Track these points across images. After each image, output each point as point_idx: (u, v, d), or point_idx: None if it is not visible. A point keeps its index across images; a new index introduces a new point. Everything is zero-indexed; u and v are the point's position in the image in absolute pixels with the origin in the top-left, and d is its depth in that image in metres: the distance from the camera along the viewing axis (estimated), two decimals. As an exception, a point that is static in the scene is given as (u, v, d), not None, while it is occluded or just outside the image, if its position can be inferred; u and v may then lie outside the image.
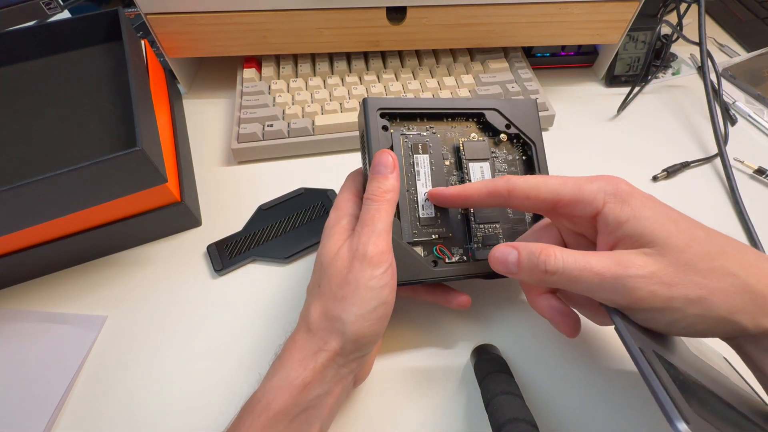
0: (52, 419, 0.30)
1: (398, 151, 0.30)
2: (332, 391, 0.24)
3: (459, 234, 0.30)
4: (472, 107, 0.32)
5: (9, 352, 0.33)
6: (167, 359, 0.32)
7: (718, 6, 0.61)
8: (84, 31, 0.41)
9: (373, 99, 0.30)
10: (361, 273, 0.24)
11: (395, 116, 0.31)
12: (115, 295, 0.36)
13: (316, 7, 0.42)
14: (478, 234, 0.30)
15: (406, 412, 0.30)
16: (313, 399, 0.23)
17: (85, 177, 0.30)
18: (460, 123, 0.32)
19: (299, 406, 0.23)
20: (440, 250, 0.29)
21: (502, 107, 0.32)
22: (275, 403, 0.23)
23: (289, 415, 0.23)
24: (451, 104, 0.32)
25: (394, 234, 0.27)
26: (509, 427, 0.23)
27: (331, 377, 0.24)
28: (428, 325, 0.33)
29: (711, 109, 0.44)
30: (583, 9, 0.44)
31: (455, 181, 0.31)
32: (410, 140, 0.30)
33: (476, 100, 0.32)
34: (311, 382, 0.23)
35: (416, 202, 0.29)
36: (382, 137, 0.29)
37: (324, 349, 0.24)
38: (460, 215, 0.30)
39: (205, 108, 0.50)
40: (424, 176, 0.30)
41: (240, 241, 0.38)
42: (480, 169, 0.31)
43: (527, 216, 0.31)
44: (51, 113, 0.38)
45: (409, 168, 0.30)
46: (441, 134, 0.31)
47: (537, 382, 0.30)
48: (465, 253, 0.29)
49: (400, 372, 0.31)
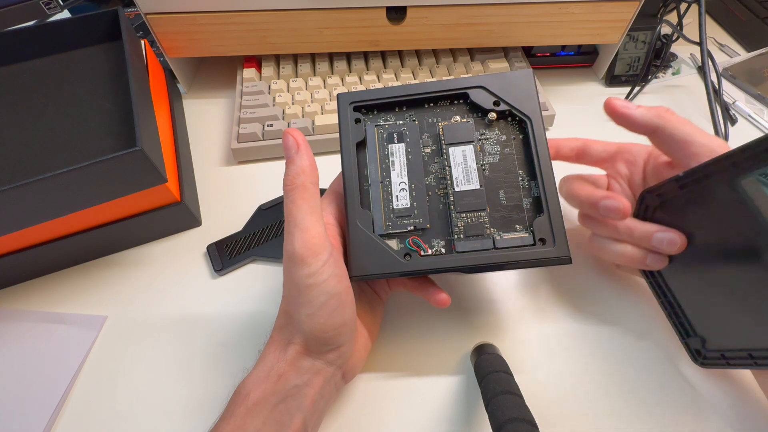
0: (52, 419, 0.30)
1: (372, 142, 0.29)
2: (311, 382, 0.24)
3: (440, 225, 0.27)
4: (453, 87, 0.29)
5: (9, 352, 0.33)
6: (167, 359, 0.32)
7: (718, 6, 0.61)
8: (84, 30, 0.41)
9: (345, 94, 0.29)
10: (296, 273, 0.23)
11: (372, 108, 0.30)
12: (115, 295, 0.36)
13: (316, 6, 0.42)
14: (459, 224, 0.27)
15: (406, 412, 0.30)
16: (291, 389, 0.24)
17: (85, 177, 0.30)
18: (443, 107, 0.30)
19: (277, 395, 0.24)
20: (413, 242, 0.27)
21: (489, 83, 0.29)
22: (254, 394, 0.24)
23: (268, 405, 0.23)
24: (431, 87, 0.29)
25: (363, 226, 0.27)
26: (509, 427, 0.23)
27: (307, 369, 0.25)
28: (428, 325, 0.33)
29: (711, 109, 0.44)
30: (583, 9, 0.44)
31: (436, 169, 0.29)
32: (385, 130, 0.29)
33: (458, 80, 0.29)
34: (286, 373, 0.24)
35: (390, 193, 0.28)
36: (353, 130, 0.28)
37: (293, 342, 0.25)
38: (442, 204, 0.28)
39: (205, 108, 0.50)
40: (399, 166, 0.28)
41: (240, 241, 0.38)
42: (462, 153, 0.28)
43: (525, 202, 0.27)
44: (51, 113, 0.38)
45: (383, 159, 0.29)
46: (422, 121, 0.30)
47: (537, 382, 0.30)
48: (448, 245, 0.27)
49: (400, 371, 0.31)
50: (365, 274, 0.26)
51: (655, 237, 0.27)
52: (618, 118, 0.29)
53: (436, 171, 0.29)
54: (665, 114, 0.27)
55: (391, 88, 0.29)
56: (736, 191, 0.23)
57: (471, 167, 0.28)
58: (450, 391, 0.30)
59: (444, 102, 0.30)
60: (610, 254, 0.30)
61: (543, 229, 0.26)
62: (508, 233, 0.27)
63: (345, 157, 0.28)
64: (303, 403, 0.24)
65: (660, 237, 0.27)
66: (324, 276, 0.23)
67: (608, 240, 0.30)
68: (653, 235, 0.27)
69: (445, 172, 0.28)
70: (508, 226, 0.27)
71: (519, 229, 0.27)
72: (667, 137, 0.27)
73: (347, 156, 0.28)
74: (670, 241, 0.27)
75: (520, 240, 0.26)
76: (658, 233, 0.27)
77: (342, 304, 0.24)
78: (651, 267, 0.29)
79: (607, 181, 0.33)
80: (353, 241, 0.27)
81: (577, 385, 0.30)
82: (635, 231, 0.28)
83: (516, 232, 0.27)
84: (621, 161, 0.32)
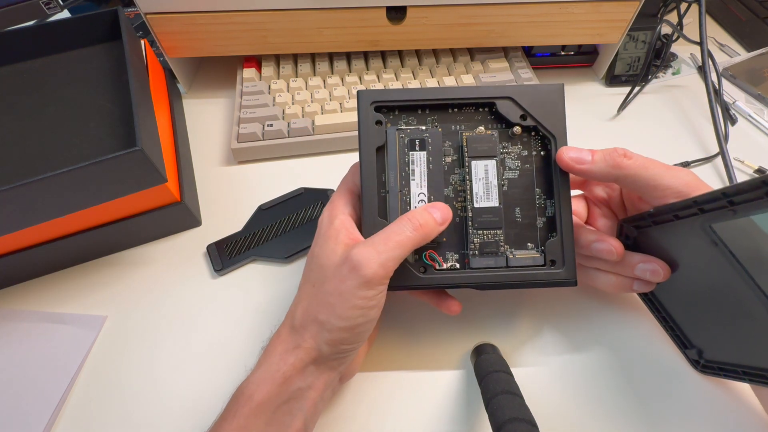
0: (52, 419, 0.30)
1: (393, 147, 0.28)
2: (314, 385, 0.25)
3: (455, 238, 0.27)
4: (481, 96, 0.28)
5: (9, 352, 0.33)
6: (167, 359, 0.32)
7: (718, 6, 0.61)
8: (83, 30, 0.41)
9: (367, 91, 0.28)
10: (358, 290, 0.23)
11: (394, 109, 0.28)
12: (115, 295, 0.36)
13: (316, 6, 0.42)
14: (475, 240, 0.27)
15: (407, 412, 0.30)
16: (295, 391, 0.24)
17: (85, 177, 0.30)
18: (467, 114, 0.28)
19: (281, 397, 0.24)
20: (430, 257, 0.27)
21: (518, 95, 0.27)
22: (257, 395, 0.24)
23: (271, 406, 0.24)
24: (458, 93, 0.28)
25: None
26: (509, 427, 0.23)
27: (312, 372, 0.25)
28: (428, 325, 0.33)
29: (711, 109, 0.44)
30: (584, 9, 0.44)
31: (456, 180, 0.28)
32: (407, 135, 0.28)
33: (487, 88, 0.28)
34: (291, 376, 0.24)
35: (408, 204, 0.27)
36: (374, 133, 0.27)
37: (303, 346, 0.24)
38: (459, 218, 0.28)
39: (205, 108, 0.50)
40: (419, 176, 0.27)
41: (240, 240, 0.38)
42: (484, 167, 0.27)
43: (539, 221, 0.27)
44: (51, 113, 0.38)
45: (403, 166, 0.28)
46: (445, 128, 0.28)
47: (537, 382, 0.30)
48: (461, 258, 0.27)
49: (401, 371, 0.31)
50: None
51: (638, 268, 0.27)
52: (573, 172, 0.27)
53: (456, 183, 0.28)
54: (621, 161, 0.25)
55: (416, 90, 0.28)
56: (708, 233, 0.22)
57: (492, 183, 0.27)
58: (450, 391, 0.30)
59: (469, 109, 0.28)
60: (598, 283, 0.30)
61: (554, 251, 0.27)
62: (519, 251, 0.27)
63: (364, 162, 0.27)
64: (305, 405, 0.24)
65: (643, 268, 0.27)
66: (374, 303, 0.24)
67: (594, 270, 0.30)
68: (636, 266, 0.27)
69: (465, 185, 0.28)
70: (520, 243, 0.27)
71: (530, 248, 0.27)
72: (630, 183, 0.26)
73: (366, 161, 0.27)
74: (653, 271, 0.27)
75: (531, 260, 0.27)
76: (641, 264, 0.27)
77: (368, 331, 0.25)
78: (639, 291, 0.29)
79: (586, 204, 0.32)
80: None
81: (577, 385, 0.30)
82: (618, 265, 0.28)
83: (527, 250, 0.27)
84: (598, 184, 0.32)
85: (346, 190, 0.29)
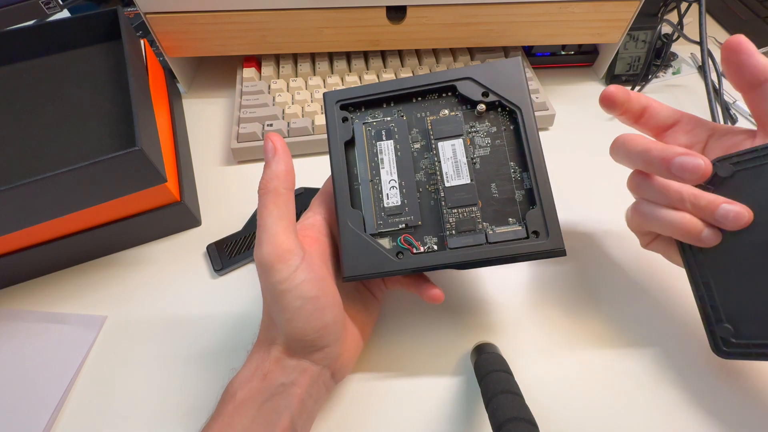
0: (52, 419, 0.30)
1: (360, 140, 0.28)
2: (298, 381, 0.25)
3: (432, 221, 0.27)
4: (440, 80, 0.28)
5: (8, 352, 0.33)
6: (167, 359, 0.32)
7: (718, 5, 0.61)
8: (83, 30, 0.41)
9: (331, 92, 0.29)
10: (268, 280, 0.23)
11: (360, 105, 0.29)
12: (115, 295, 0.36)
13: (316, 6, 0.42)
14: (450, 220, 0.27)
15: (406, 412, 0.30)
16: (278, 387, 0.24)
17: (85, 177, 0.30)
18: (431, 101, 0.29)
19: (263, 394, 0.24)
20: (405, 240, 0.26)
21: (476, 74, 0.28)
22: (240, 393, 0.24)
23: (255, 403, 0.24)
24: (417, 81, 0.28)
25: (354, 226, 0.26)
26: (509, 427, 0.23)
27: (293, 367, 0.25)
28: (427, 324, 0.33)
29: (712, 109, 0.44)
30: (584, 8, 0.44)
31: (426, 164, 0.28)
32: (373, 128, 0.29)
33: (446, 72, 0.28)
34: (272, 371, 0.25)
35: (380, 192, 0.27)
36: (341, 130, 0.28)
37: (276, 342, 0.25)
38: (433, 201, 0.27)
39: (205, 107, 0.50)
40: (388, 163, 0.28)
41: (240, 240, 0.38)
42: (451, 147, 0.28)
43: (518, 195, 0.27)
44: (50, 113, 0.38)
45: (372, 157, 0.28)
46: (411, 116, 0.29)
47: (537, 382, 0.30)
48: (440, 241, 0.27)
49: (400, 371, 0.31)
50: (358, 275, 0.26)
51: (722, 208, 0.24)
52: (740, 57, 0.24)
53: (426, 167, 0.28)
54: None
55: (378, 83, 0.29)
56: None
57: (461, 162, 0.27)
58: (450, 391, 0.30)
59: (432, 95, 0.29)
60: (660, 222, 0.27)
61: (536, 222, 0.25)
62: (500, 227, 0.26)
63: (333, 157, 0.28)
64: (291, 402, 0.24)
65: (727, 209, 0.24)
66: (296, 281, 0.23)
67: (660, 207, 0.27)
68: (720, 206, 0.24)
69: (435, 168, 0.28)
70: (500, 220, 0.26)
71: (512, 223, 0.26)
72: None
73: (335, 156, 0.28)
74: (737, 214, 0.24)
75: (513, 233, 0.26)
76: (725, 204, 0.24)
77: (320, 308, 0.24)
78: (704, 242, 0.26)
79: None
80: (345, 242, 0.26)
81: (578, 384, 0.30)
82: (701, 199, 0.25)
83: (509, 225, 0.26)
84: (681, 132, 0.29)
85: (322, 192, 0.30)
